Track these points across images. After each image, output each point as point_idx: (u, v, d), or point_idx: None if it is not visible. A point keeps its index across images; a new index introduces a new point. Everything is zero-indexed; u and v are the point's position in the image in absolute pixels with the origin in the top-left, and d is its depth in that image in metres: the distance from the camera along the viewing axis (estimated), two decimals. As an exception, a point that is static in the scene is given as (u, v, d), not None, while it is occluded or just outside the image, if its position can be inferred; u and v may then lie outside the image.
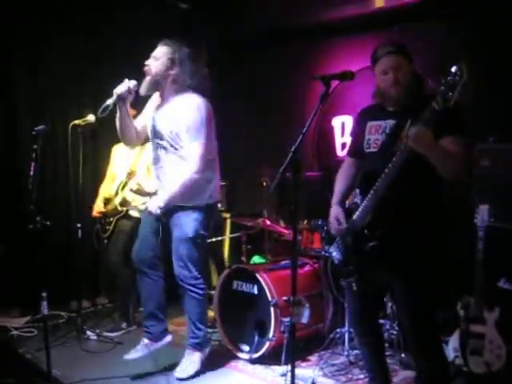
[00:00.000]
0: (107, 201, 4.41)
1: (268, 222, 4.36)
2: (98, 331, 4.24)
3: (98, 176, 4.72)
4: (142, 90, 3.28)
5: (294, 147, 2.28)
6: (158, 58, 3.25)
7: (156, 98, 3.47)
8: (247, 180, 5.19)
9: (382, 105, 2.64)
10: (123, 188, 4.27)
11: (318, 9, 4.96)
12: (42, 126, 3.21)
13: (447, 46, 4.15)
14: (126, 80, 3.23)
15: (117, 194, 4.31)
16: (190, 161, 3.23)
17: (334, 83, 2.47)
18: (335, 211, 2.75)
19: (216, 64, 5.98)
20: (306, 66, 5.20)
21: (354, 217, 2.61)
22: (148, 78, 3.25)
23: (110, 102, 3.19)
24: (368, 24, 4.73)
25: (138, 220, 3.95)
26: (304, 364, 3.66)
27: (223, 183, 5.31)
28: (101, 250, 4.56)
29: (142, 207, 3.68)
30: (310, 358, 3.75)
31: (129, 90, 3.21)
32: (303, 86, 5.18)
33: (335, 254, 2.78)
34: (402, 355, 3.54)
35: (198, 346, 3.50)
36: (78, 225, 4.26)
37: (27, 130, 4.16)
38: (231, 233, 5.05)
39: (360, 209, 2.57)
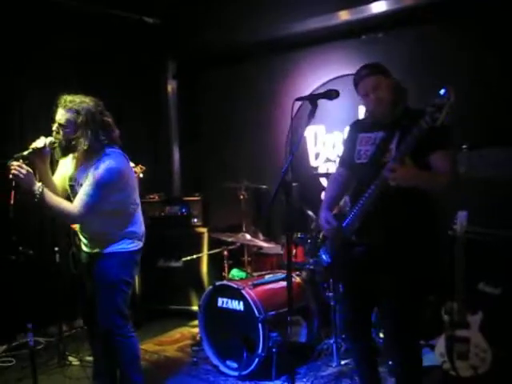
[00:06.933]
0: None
1: (248, 237, 4.34)
2: (80, 356, 4.15)
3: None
4: (57, 156, 3.10)
5: (283, 169, 2.42)
6: (65, 126, 3.01)
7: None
8: (222, 194, 5.15)
9: (373, 118, 2.75)
10: None
11: (278, 24, 4.97)
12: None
13: (413, 56, 4.24)
14: (42, 137, 3.04)
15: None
16: (76, 204, 2.96)
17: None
18: (324, 215, 2.81)
19: (181, 81, 6.05)
20: (276, 81, 5.20)
21: (344, 224, 2.70)
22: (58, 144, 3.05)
23: (25, 153, 2.96)
24: (332, 36, 4.78)
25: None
26: (293, 377, 3.67)
27: (198, 198, 5.30)
28: (78, 272, 4.45)
29: None
30: (299, 370, 3.75)
31: (45, 146, 3.02)
32: (273, 101, 5.18)
33: (324, 256, 2.89)
34: (390, 362, 3.58)
35: None
36: (56, 248, 4.17)
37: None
38: (209, 248, 5.02)
39: (349, 216, 2.67)
